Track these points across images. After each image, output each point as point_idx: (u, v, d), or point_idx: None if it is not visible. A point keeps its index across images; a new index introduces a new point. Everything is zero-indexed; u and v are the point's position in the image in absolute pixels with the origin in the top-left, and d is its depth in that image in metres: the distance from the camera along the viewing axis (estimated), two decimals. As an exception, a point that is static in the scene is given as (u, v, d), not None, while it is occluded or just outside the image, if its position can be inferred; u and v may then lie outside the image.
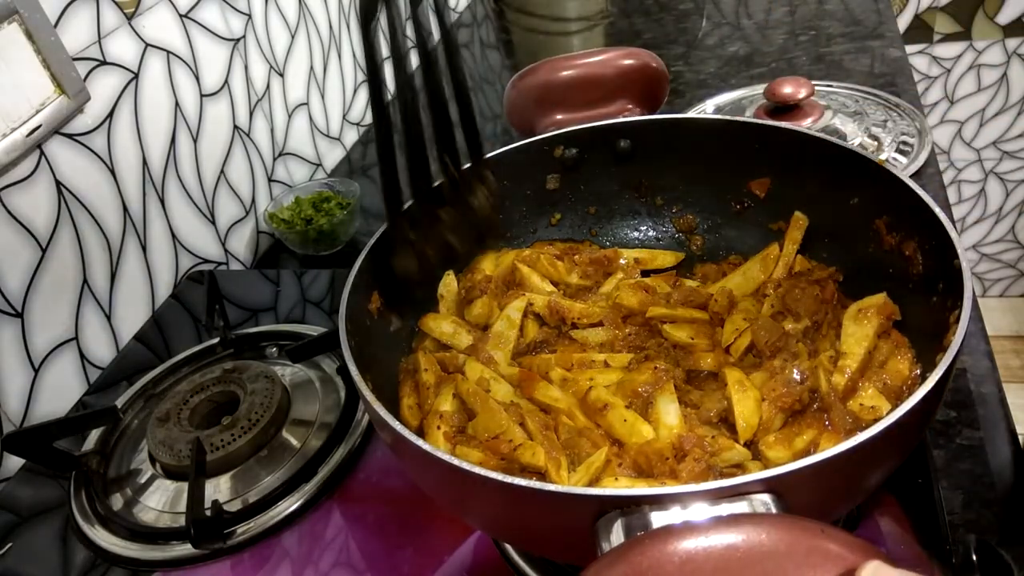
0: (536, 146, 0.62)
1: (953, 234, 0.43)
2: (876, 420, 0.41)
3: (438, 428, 0.49)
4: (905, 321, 0.49)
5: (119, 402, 0.71)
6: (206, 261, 0.93)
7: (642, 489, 0.31)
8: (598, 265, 0.62)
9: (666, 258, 0.64)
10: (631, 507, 0.31)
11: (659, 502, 0.31)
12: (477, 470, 0.35)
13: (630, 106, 0.64)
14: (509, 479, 0.34)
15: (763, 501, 0.31)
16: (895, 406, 0.36)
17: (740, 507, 0.30)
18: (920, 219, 0.46)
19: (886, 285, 0.51)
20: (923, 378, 0.35)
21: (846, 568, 0.25)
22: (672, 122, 0.61)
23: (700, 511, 0.30)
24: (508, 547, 0.53)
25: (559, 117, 0.65)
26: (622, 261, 0.63)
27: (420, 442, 0.37)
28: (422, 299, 0.60)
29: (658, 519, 0.30)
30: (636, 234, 0.66)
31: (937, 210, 0.45)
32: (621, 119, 0.62)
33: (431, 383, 0.53)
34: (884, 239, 0.51)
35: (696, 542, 0.26)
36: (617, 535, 0.31)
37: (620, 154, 0.63)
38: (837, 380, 0.46)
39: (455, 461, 0.36)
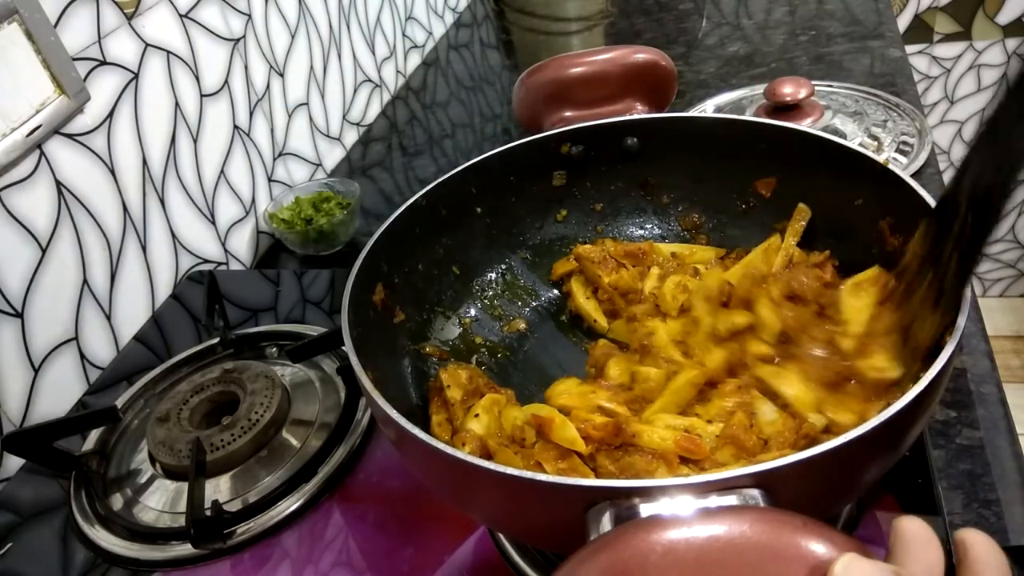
0: (543, 142, 0.62)
1: None
2: (882, 381, 0.41)
3: (463, 445, 0.49)
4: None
5: (119, 402, 0.71)
6: (206, 261, 0.93)
7: (631, 481, 0.32)
8: (633, 259, 0.62)
9: (705, 253, 0.63)
10: (620, 498, 0.32)
11: (648, 494, 0.31)
12: (474, 460, 0.35)
13: (638, 104, 0.64)
14: (504, 469, 0.35)
15: (751, 495, 0.31)
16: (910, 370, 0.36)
17: (728, 501, 0.31)
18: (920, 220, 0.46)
19: None
20: (917, 378, 0.35)
21: (823, 560, 0.25)
22: (680, 121, 0.61)
23: (688, 504, 0.31)
24: (508, 547, 0.53)
25: (567, 114, 0.65)
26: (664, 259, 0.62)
27: (419, 433, 0.38)
28: (425, 290, 0.60)
29: (646, 511, 0.31)
30: (641, 232, 0.66)
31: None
32: (628, 116, 0.62)
33: (457, 399, 0.53)
34: (887, 240, 0.51)
35: (679, 532, 0.26)
36: (606, 525, 0.31)
37: (627, 152, 0.63)
38: (847, 345, 0.47)
39: (452, 451, 0.36)
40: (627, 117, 0.62)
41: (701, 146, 0.61)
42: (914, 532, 0.26)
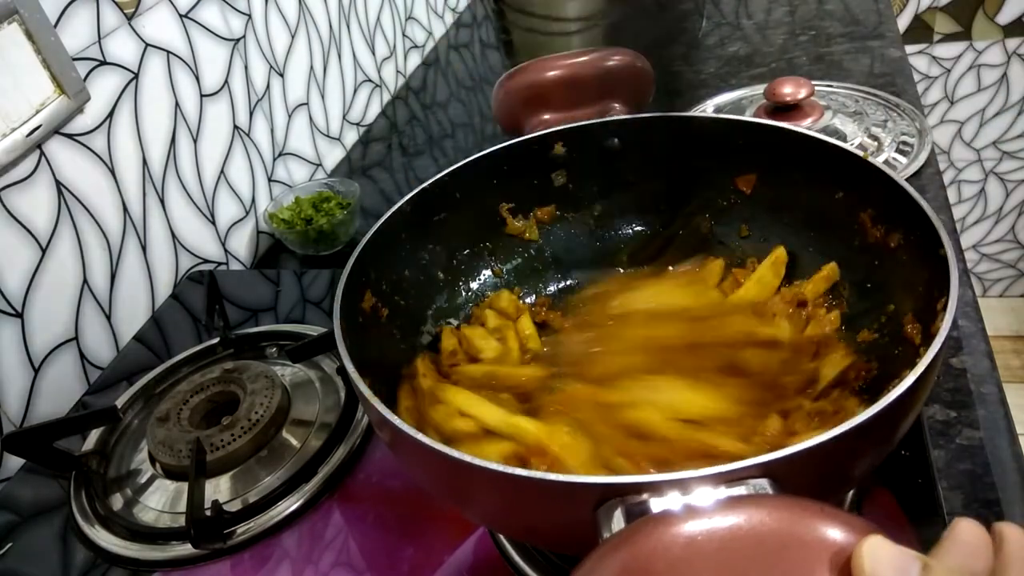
0: (525, 146, 0.63)
1: (937, 223, 0.43)
2: None
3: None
4: (894, 314, 0.49)
5: (119, 402, 0.71)
6: (206, 261, 0.93)
7: (642, 476, 0.32)
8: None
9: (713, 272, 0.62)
10: (631, 494, 0.31)
11: (658, 488, 0.31)
12: (475, 461, 0.35)
13: (616, 105, 0.64)
14: (508, 469, 0.34)
15: (760, 485, 0.31)
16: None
17: (739, 491, 0.31)
18: (903, 210, 0.47)
19: (872, 278, 0.52)
20: (913, 364, 0.35)
21: (847, 544, 0.25)
22: (660, 120, 0.61)
23: (700, 496, 0.31)
24: (508, 547, 0.53)
25: (546, 117, 0.65)
26: None
27: (418, 435, 0.37)
28: (414, 296, 0.60)
29: (658, 505, 0.31)
30: (627, 231, 0.67)
31: (920, 200, 0.45)
32: (610, 117, 0.62)
33: (428, 388, 0.53)
34: (869, 232, 0.52)
35: (699, 524, 0.26)
36: (618, 522, 0.31)
37: (608, 152, 0.63)
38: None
39: (453, 453, 0.36)
40: (609, 118, 0.62)
41: (681, 145, 0.61)
42: (967, 536, 0.26)
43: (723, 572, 0.25)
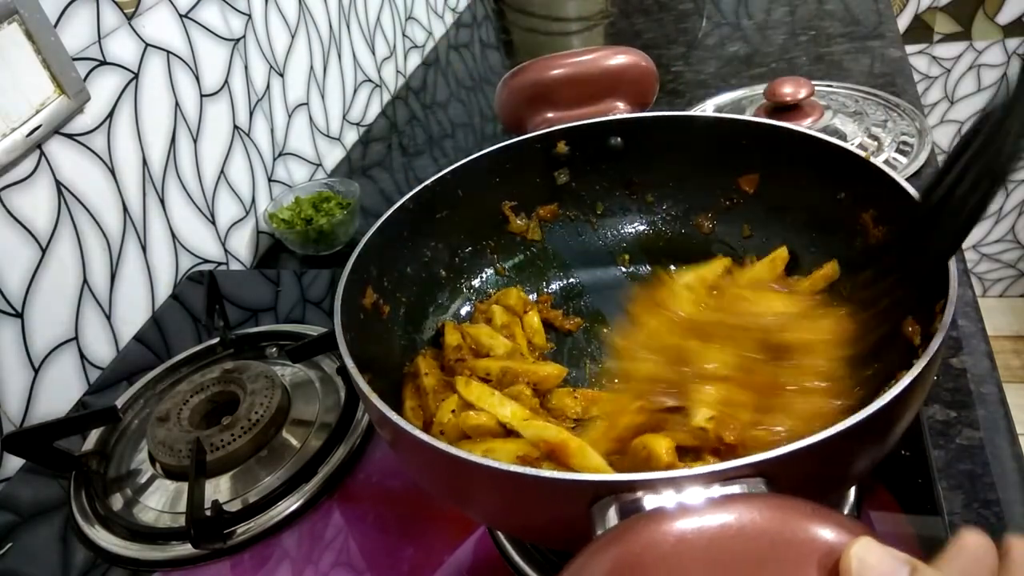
0: (528, 144, 0.63)
1: None
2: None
3: (441, 434, 0.49)
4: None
5: (119, 402, 0.71)
6: (206, 261, 0.93)
7: (636, 474, 0.32)
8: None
9: (715, 267, 0.60)
10: (625, 492, 0.32)
11: (652, 486, 0.31)
12: (473, 458, 0.35)
13: (620, 104, 0.64)
14: (505, 466, 0.34)
15: (755, 484, 0.31)
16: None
17: (732, 490, 0.31)
18: (905, 212, 0.47)
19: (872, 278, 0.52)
20: (910, 364, 0.35)
21: (837, 545, 0.25)
22: (663, 119, 0.61)
23: (693, 494, 0.31)
24: (508, 547, 0.53)
25: (550, 115, 0.65)
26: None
27: (417, 432, 0.38)
28: (416, 292, 0.60)
29: (651, 503, 0.31)
30: (630, 229, 0.67)
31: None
32: (613, 116, 0.62)
33: (431, 387, 0.53)
34: (871, 232, 0.52)
35: (690, 522, 0.26)
36: (612, 519, 0.31)
37: (611, 151, 0.63)
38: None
39: (451, 450, 0.36)
40: (612, 116, 0.62)
41: (684, 144, 0.61)
42: (972, 546, 0.25)
43: (712, 569, 0.25)
